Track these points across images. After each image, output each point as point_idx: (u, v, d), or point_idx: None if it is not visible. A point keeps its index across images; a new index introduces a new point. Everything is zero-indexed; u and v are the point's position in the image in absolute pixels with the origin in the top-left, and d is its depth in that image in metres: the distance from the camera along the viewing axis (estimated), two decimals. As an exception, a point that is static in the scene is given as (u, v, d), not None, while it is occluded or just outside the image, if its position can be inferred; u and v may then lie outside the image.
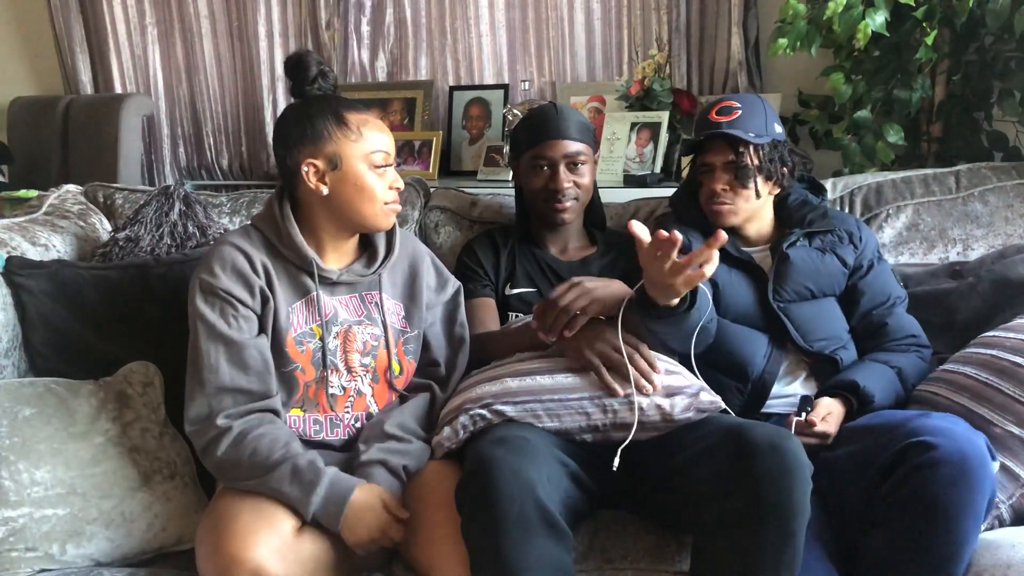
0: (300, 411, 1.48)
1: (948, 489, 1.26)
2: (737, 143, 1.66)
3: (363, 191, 1.47)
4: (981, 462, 1.28)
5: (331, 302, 1.51)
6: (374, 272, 1.54)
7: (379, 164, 1.47)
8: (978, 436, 1.33)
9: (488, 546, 1.24)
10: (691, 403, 1.43)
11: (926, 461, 1.28)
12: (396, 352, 1.54)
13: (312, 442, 1.48)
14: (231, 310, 1.41)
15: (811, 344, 1.65)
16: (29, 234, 1.81)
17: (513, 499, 1.24)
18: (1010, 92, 2.34)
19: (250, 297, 1.43)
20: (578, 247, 1.84)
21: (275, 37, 3.44)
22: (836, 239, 1.73)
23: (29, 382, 1.56)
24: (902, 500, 1.30)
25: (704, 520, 1.30)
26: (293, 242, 1.47)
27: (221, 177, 3.59)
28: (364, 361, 1.51)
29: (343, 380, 1.50)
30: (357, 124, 1.47)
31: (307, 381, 1.47)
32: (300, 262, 1.48)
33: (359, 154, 1.46)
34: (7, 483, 1.40)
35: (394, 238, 1.57)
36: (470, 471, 1.31)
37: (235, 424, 1.38)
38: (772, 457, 1.25)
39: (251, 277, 1.43)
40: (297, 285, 1.49)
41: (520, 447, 1.31)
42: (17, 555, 1.38)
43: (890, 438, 1.36)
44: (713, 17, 2.92)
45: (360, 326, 1.52)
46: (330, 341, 1.49)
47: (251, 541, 1.27)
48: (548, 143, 1.73)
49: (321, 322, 1.48)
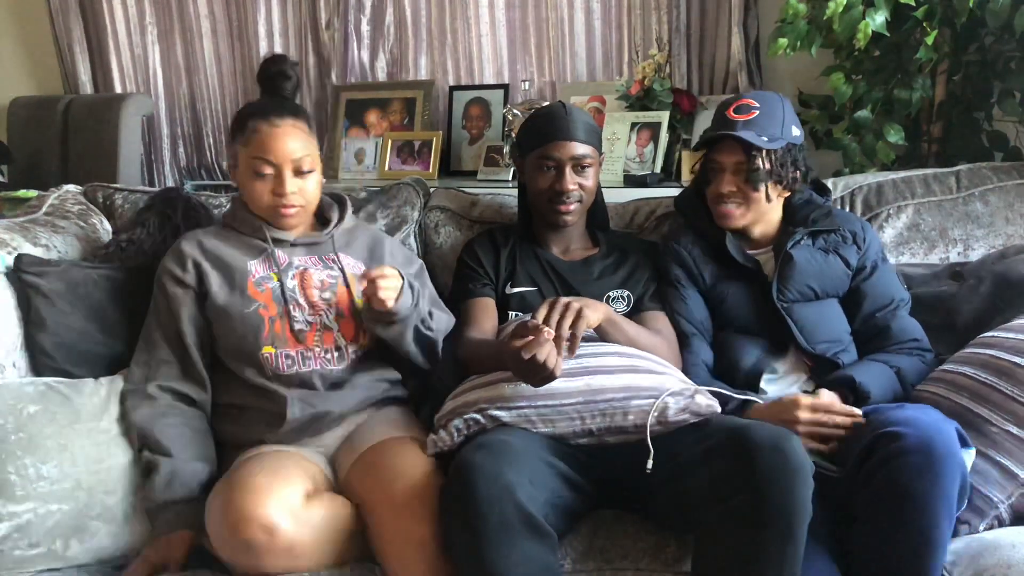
0: (271, 348, 1.56)
1: (916, 477, 1.28)
2: (750, 147, 1.65)
3: (248, 192, 1.63)
4: (947, 449, 1.29)
5: (286, 256, 1.65)
6: (327, 234, 1.69)
7: (258, 171, 1.59)
8: (947, 423, 1.35)
9: (471, 551, 1.25)
10: (686, 405, 1.43)
11: (893, 451, 1.30)
12: (359, 291, 1.60)
13: (289, 376, 1.56)
14: (167, 288, 1.60)
15: (814, 346, 1.64)
16: (30, 234, 1.81)
17: (492, 503, 1.24)
18: (1010, 92, 2.34)
19: (182, 272, 1.59)
20: (580, 247, 1.84)
21: (275, 37, 3.44)
22: (840, 239, 1.72)
23: (31, 381, 1.56)
24: (874, 491, 1.32)
25: (706, 521, 1.30)
26: (244, 218, 1.65)
27: (221, 177, 3.59)
28: (324, 296, 1.62)
29: (306, 315, 1.59)
30: (252, 129, 1.60)
31: (271, 316, 1.57)
32: (251, 231, 1.65)
33: (244, 158, 1.61)
34: (13, 478, 1.41)
35: (346, 210, 1.75)
36: (451, 478, 1.32)
37: (159, 397, 1.54)
38: (774, 457, 1.26)
39: (187, 260, 1.60)
40: (253, 248, 1.64)
41: (500, 451, 1.32)
42: (20, 553, 1.39)
43: (863, 430, 1.39)
44: (713, 17, 2.92)
45: (316, 269, 1.65)
46: (288, 281, 1.61)
47: (264, 499, 1.30)
48: (556, 144, 1.72)
49: (277, 270, 1.61)
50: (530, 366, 1.33)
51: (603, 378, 1.44)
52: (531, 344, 1.33)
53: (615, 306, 1.72)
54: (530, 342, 1.33)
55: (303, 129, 1.63)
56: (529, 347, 1.32)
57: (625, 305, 1.73)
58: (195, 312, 1.59)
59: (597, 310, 1.54)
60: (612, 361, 1.48)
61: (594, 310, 1.52)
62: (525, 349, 1.32)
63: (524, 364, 1.34)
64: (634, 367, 1.48)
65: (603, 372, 1.45)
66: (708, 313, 1.74)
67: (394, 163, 3.13)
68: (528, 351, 1.32)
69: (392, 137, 3.16)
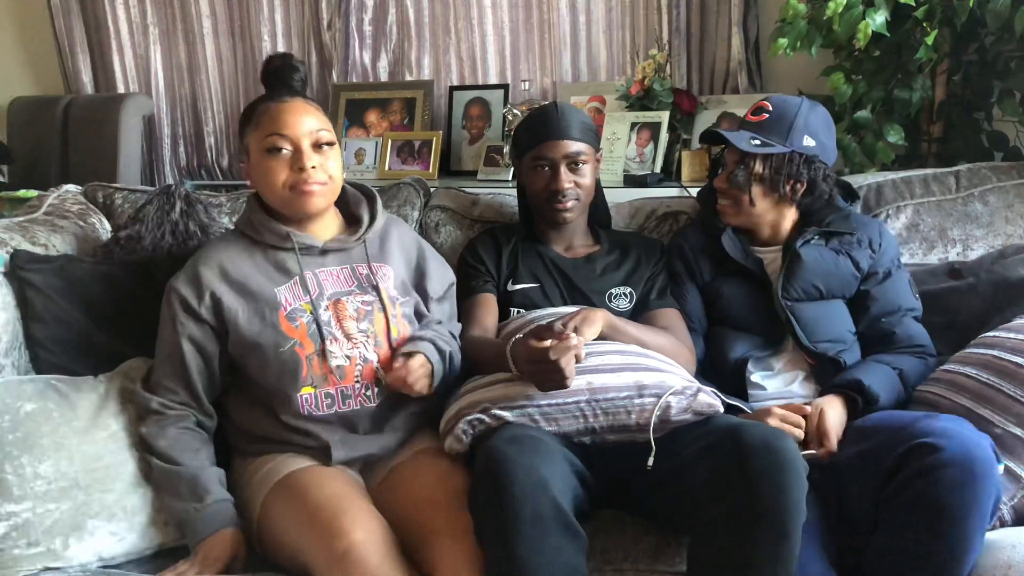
0: (311, 388, 1.48)
1: (953, 492, 1.25)
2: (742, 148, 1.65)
3: (263, 178, 1.51)
4: (987, 465, 1.27)
5: (317, 279, 1.54)
6: (358, 239, 1.58)
7: (271, 148, 1.48)
8: (984, 438, 1.32)
9: (503, 545, 1.24)
10: (689, 405, 1.43)
11: (931, 463, 1.27)
12: (395, 315, 1.55)
13: (325, 417, 1.49)
14: (178, 316, 1.50)
15: (815, 344, 1.64)
16: (29, 234, 1.81)
17: (527, 498, 1.23)
18: (1010, 92, 2.34)
19: (197, 303, 1.49)
20: (582, 245, 1.84)
21: (277, 37, 3.44)
22: (855, 242, 1.72)
23: (30, 379, 1.56)
24: (907, 502, 1.29)
25: (700, 520, 1.30)
26: (265, 225, 1.54)
27: (221, 177, 3.58)
28: (362, 327, 1.52)
29: (345, 349, 1.49)
30: (260, 113, 1.51)
31: (308, 355, 1.48)
32: (278, 240, 1.53)
33: (256, 142, 1.50)
34: (10, 477, 1.40)
35: (376, 207, 1.63)
36: (483, 470, 1.30)
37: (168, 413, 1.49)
38: (767, 457, 1.26)
39: (204, 287, 1.50)
40: (281, 269, 1.53)
41: (533, 446, 1.32)
42: (19, 552, 1.38)
43: (896, 439, 1.35)
44: (713, 17, 2.92)
45: (349, 296, 1.54)
46: (321, 312, 1.50)
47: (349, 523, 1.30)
48: (548, 144, 1.73)
49: (309, 299, 1.51)
50: (550, 369, 1.35)
51: (606, 376, 1.44)
52: (559, 347, 1.34)
53: (618, 303, 1.73)
54: (559, 346, 1.35)
55: (316, 108, 1.54)
56: (557, 350, 1.34)
57: (628, 302, 1.74)
58: (204, 343, 1.51)
59: (595, 322, 1.56)
60: (615, 359, 1.49)
61: (591, 324, 1.55)
62: (554, 350, 1.34)
63: (542, 366, 1.35)
64: (636, 365, 1.48)
65: (606, 370, 1.45)
66: (703, 308, 1.75)
67: (394, 163, 3.13)
68: (556, 353, 1.33)
69: (392, 137, 3.16)
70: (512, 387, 1.45)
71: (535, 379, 1.39)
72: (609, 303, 1.73)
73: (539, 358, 1.36)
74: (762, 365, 1.68)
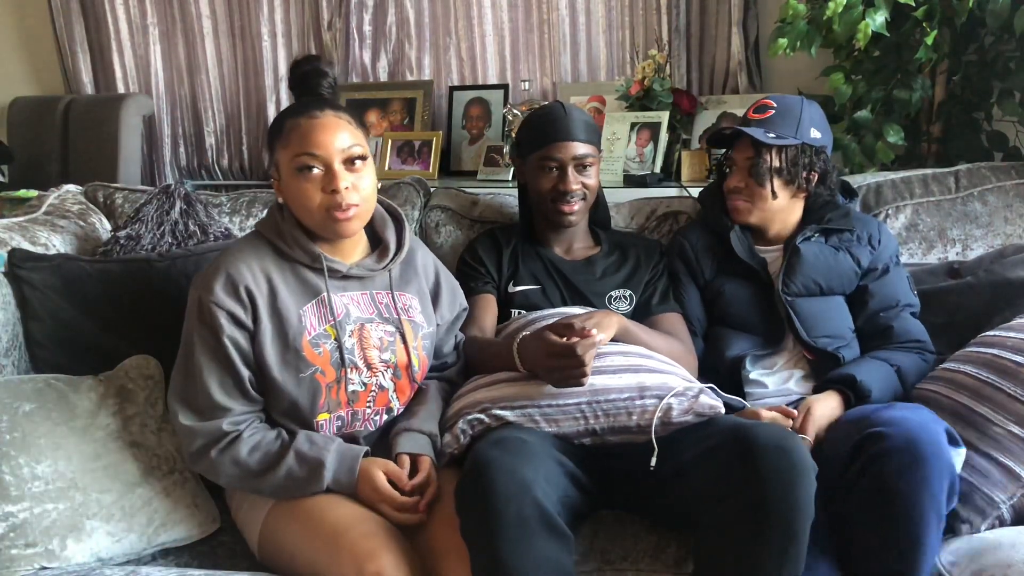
0: (327, 415, 1.46)
1: (903, 476, 1.28)
2: (759, 143, 1.68)
3: (295, 199, 1.43)
4: (934, 448, 1.30)
5: (342, 301, 1.48)
6: (384, 267, 1.53)
7: (301, 167, 1.41)
8: (936, 423, 1.35)
9: (486, 547, 1.24)
10: (690, 406, 1.43)
11: (878, 451, 1.31)
12: (415, 347, 1.53)
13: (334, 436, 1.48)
14: (224, 329, 1.41)
15: (815, 340, 1.65)
16: (29, 234, 1.81)
17: (510, 499, 1.24)
18: (1010, 92, 2.34)
19: (243, 312, 1.42)
20: (583, 247, 1.84)
21: (278, 37, 3.44)
22: (854, 239, 1.74)
23: (29, 378, 1.56)
24: (861, 491, 1.33)
25: (707, 521, 1.30)
26: (297, 241, 1.46)
27: (221, 177, 3.59)
28: (384, 357, 1.49)
29: (363, 376, 1.47)
30: (289, 128, 1.43)
31: (328, 383, 1.44)
32: (308, 260, 1.47)
33: (286, 161, 1.43)
34: (8, 478, 1.40)
35: (404, 234, 1.56)
36: (467, 473, 1.31)
37: (231, 430, 1.42)
38: (777, 458, 1.26)
39: (243, 294, 1.42)
40: (307, 287, 1.47)
41: (516, 448, 1.32)
42: (17, 552, 1.38)
43: (850, 431, 1.39)
44: (713, 17, 2.91)
45: (372, 324, 1.49)
46: (346, 340, 1.46)
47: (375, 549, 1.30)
48: (557, 144, 1.72)
49: (334, 322, 1.46)
50: (572, 364, 1.37)
51: (607, 378, 1.44)
52: (585, 343, 1.37)
53: (618, 305, 1.73)
54: (585, 341, 1.37)
55: (348, 120, 1.45)
56: (583, 345, 1.37)
57: (628, 304, 1.74)
58: (247, 350, 1.43)
59: (611, 326, 1.56)
60: (616, 361, 1.49)
61: (607, 327, 1.54)
62: (581, 346, 1.36)
63: (565, 361, 1.37)
64: (638, 367, 1.48)
65: (607, 372, 1.45)
66: (703, 307, 1.76)
67: (394, 163, 3.13)
68: (583, 348, 1.36)
69: (392, 137, 3.16)
70: (514, 387, 1.45)
71: (551, 375, 1.40)
72: (609, 305, 1.73)
73: (564, 353, 1.38)
74: (760, 363, 1.69)
